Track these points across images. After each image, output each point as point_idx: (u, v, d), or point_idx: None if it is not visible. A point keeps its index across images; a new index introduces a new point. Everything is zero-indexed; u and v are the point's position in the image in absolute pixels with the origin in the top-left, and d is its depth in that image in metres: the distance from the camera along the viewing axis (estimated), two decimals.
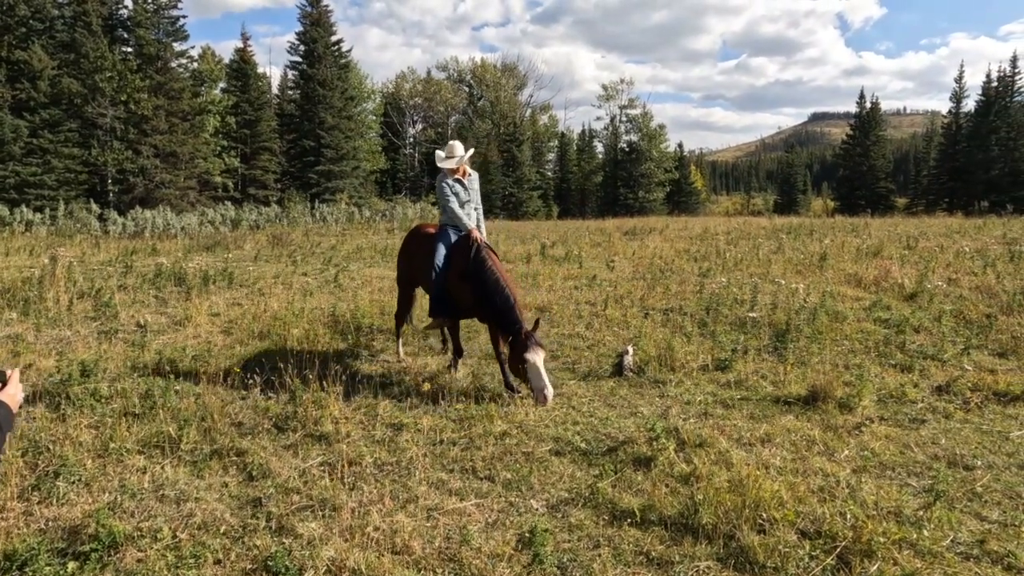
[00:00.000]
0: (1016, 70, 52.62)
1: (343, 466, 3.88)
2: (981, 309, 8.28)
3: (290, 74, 40.22)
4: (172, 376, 5.60)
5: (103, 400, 4.90)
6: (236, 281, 11.47)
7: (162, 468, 3.91)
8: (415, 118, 53.92)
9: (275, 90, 44.60)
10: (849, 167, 61.62)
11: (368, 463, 3.99)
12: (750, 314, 6.74)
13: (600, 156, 60.80)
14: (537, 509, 3.44)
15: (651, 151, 54.19)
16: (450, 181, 5.94)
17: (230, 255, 16.63)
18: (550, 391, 4.94)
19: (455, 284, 5.73)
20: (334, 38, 38.60)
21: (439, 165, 6.01)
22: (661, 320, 8.20)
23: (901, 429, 4.52)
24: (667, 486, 3.60)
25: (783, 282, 10.68)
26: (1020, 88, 53.10)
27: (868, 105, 60.45)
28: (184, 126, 30.89)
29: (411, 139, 53.75)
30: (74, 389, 4.92)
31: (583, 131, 62.45)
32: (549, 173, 56.75)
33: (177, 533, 3.13)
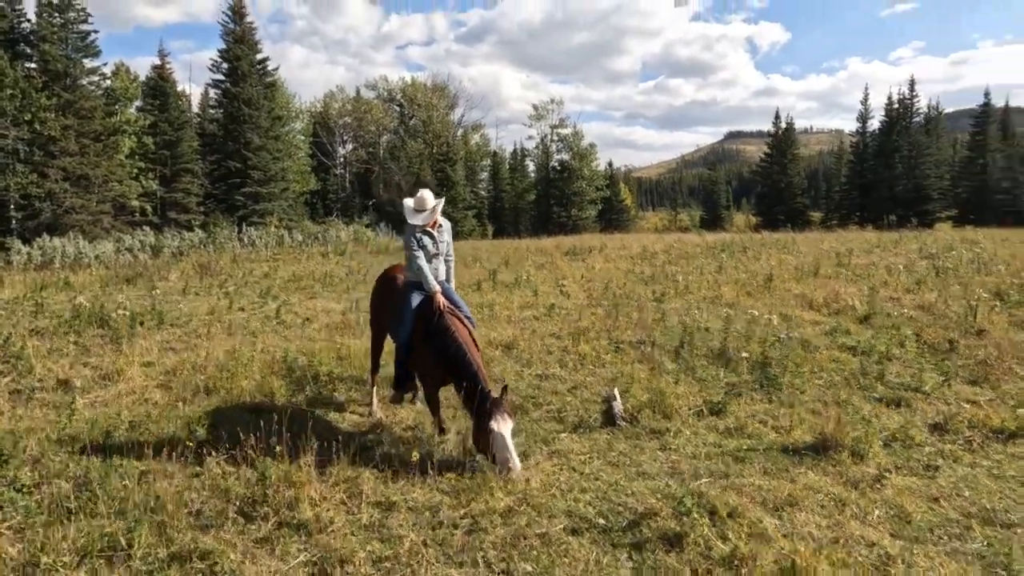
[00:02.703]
0: (914, 93, 56.55)
1: (332, 568, 3.32)
2: (940, 333, 8.41)
3: (212, 93, 38.45)
4: (109, 451, 4.83)
5: (26, 491, 4.12)
6: (167, 320, 10.49)
7: None
8: (345, 137, 52.65)
9: (195, 109, 42.57)
10: (767, 184, 64.38)
11: (361, 559, 3.44)
12: (743, 354, 6.50)
13: (532, 175, 61.15)
14: None
15: (583, 170, 54.89)
16: (419, 233, 5.48)
17: (156, 288, 15.40)
18: (516, 463, 4.47)
19: (418, 346, 5.29)
20: (259, 56, 37.18)
21: (410, 221, 5.50)
22: (634, 355, 7.93)
23: (918, 479, 4.34)
24: (709, 573, 3.23)
25: (750, 310, 10.67)
26: (918, 110, 57.04)
27: (783, 125, 63.45)
28: (96, 147, 28.88)
29: (341, 159, 52.41)
30: None
31: (515, 150, 62.71)
32: (483, 192, 56.52)
33: None
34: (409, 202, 5.58)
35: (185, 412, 5.91)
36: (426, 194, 5.56)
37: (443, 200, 5.74)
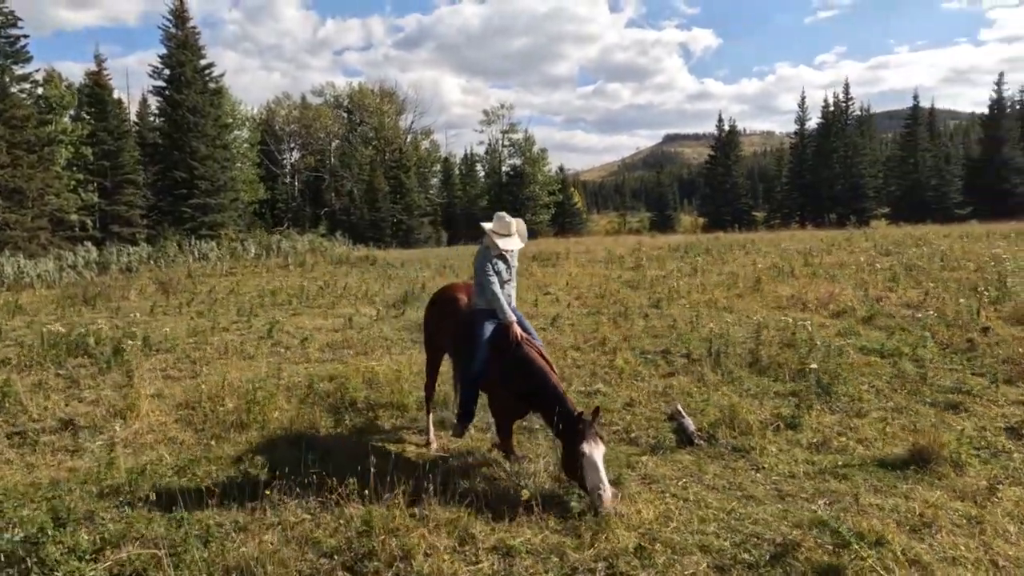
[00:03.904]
0: (849, 96, 59.11)
1: None
2: (955, 333, 8.57)
3: (153, 100, 36.70)
4: (162, 503, 4.33)
5: (89, 559, 3.61)
6: (151, 345, 9.76)
7: None
8: (292, 145, 51.18)
9: (133, 117, 40.54)
10: (712, 185, 66.08)
11: None
12: (812, 366, 6.38)
13: (483, 180, 60.93)
14: None
15: (536, 174, 55.05)
16: (494, 258, 5.17)
17: (122, 308, 14.42)
18: (608, 492, 4.19)
19: (494, 379, 5.02)
20: (204, 61, 35.70)
21: (503, 247, 5.17)
22: (664, 365, 7.79)
23: None
24: None
25: (753, 315, 10.71)
26: (853, 112, 59.63)
27: (726, 127, 65.24)
28: (31, 159, 27.09)
29: (289, 167, 50.90)
30: (48, 549, 3.57)
31: (466, 156, 62.41)
32: (437, 199, 55.94)
33: None
34: (489, 226, 5.26)
35: (226, 451, 5.41)
36: (506, 216, 5.26)
37: (521, 221, 5.44)
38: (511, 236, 5.20)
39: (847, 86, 59.17)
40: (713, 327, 9.51)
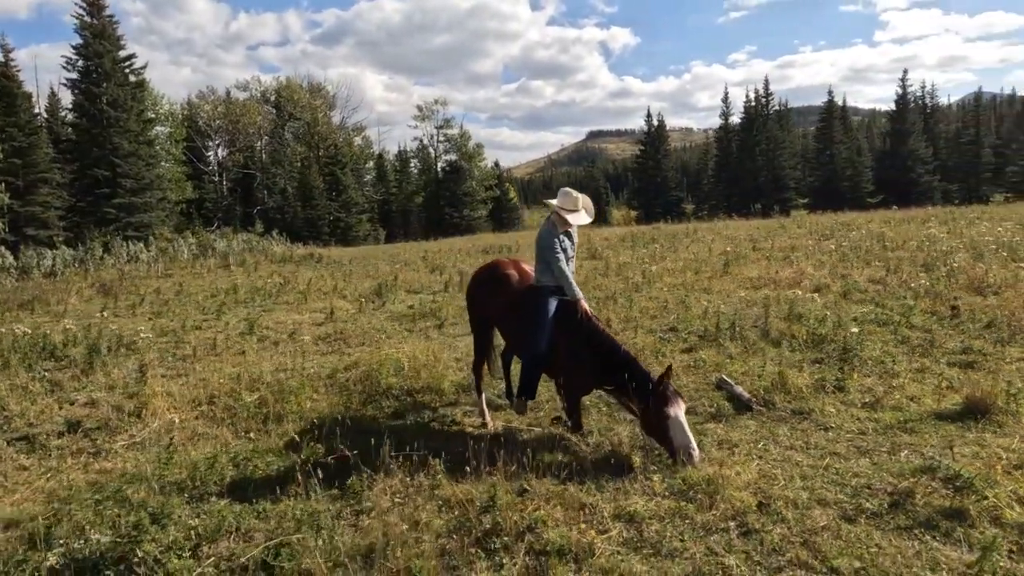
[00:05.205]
0: (769, 92, 61.82)
1: None
2: (937, 302, 9.07)
3: (67, 94, 34.18)
4: (237, 496, 4.02)
5: (187, 557, 3.29)
6: (124, 345, 9.11)
7: None
8: (218, 141, 48.87)
9: (42, 111, 37.65)
10: (643, 179, 67.74)
11: None
12: (841, 334, 6.52)
13: (416, 176, 60.19)
14: None
15: (472, 169, 54.84)
16: (560, 235, 5.08)
17: (67, 311, 13.35)
18: (696, 450, 4.32)
19: (565, 355, 4.97)
20: (123, 53, 33.54)
21: (574, 222, 5.09)
22: (679, 342, 7.90)
23: None
24: None
25: (735, 293, 11.01)
26: (773, 108, 62.41)
27: (655, 122, 66.98)
28: None
29: (217, 165, 48.59)
30: (146, 548, 3.23)
31: (399, 152, 61.47)
32: (375, 195, 54.78)
33: None
34: (555, 202, 5.15)
35: (274, 443, 5.08)
36: (572, 192, 5.16)
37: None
38: (579, 211, 5.12)
39: (767, 82, 61.91)
40: (707, 305, 9.73)
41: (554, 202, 5.18)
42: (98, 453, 5.13)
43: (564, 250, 5.09)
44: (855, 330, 6.92)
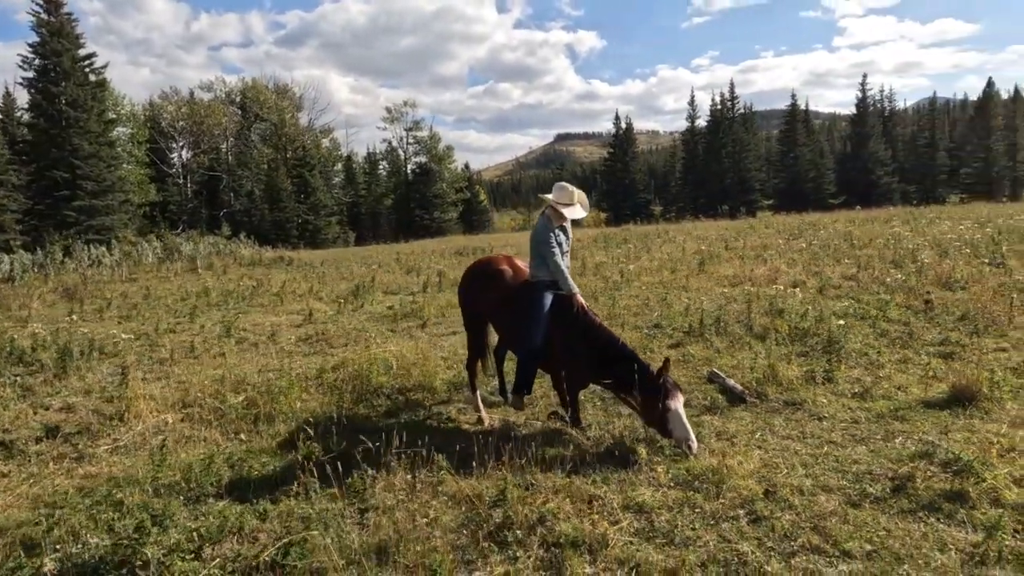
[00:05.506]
0: (735, 96, 62.87)
1: None
2: (910, 296, 9.32)
3: (24, 93, 33.04)
4: (236, 497, 3.91)
5: (191, 559, 3.18)
6: (96, 349, 8.83)
7: None
8: (182, 143, 47.78)
9: None
10: (612, 181, 68.29)
11: (680, 567, 3.07)
12: (827, 328, 6.61)
13: (385, 178, 59.72)
14: None
15: (442, 171, 54.64)
16: (556, 230, 5.07)
17: (32, 316, 12.89)
18: (695, 442, 4.40)
19: (560, 350, 4.95)
20: (83, 51, 32.59)
21: (571, 216, 5.10)
22: (665, 337, 7.97)
23: None
24: None
25: (717, 290, 11.15)
26: (739, 111, 63.49)
27: (623, 125, 67.59)
28: None
29: (181, 167, 47.50)
30: (149, 551, 3.11)
31: (368, 154, 60.92)
32: (344, 198, 54.17)
33: None
34: (550, 197, 5.13)
35: (266, 443, 4.97)
36: (568, 186, 5.15)
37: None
38: (574, 205, 5.12)
39: (732, 86, 62.94)
40: (688, 303, 9.83)
41: (549, 196, 5.18)
42: (81, 458, 4.95)
43: (559, 244, 5.09)
44: (841, 323, 7.05)
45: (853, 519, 3.44)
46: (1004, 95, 66.10)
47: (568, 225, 5.32)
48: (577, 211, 5.16)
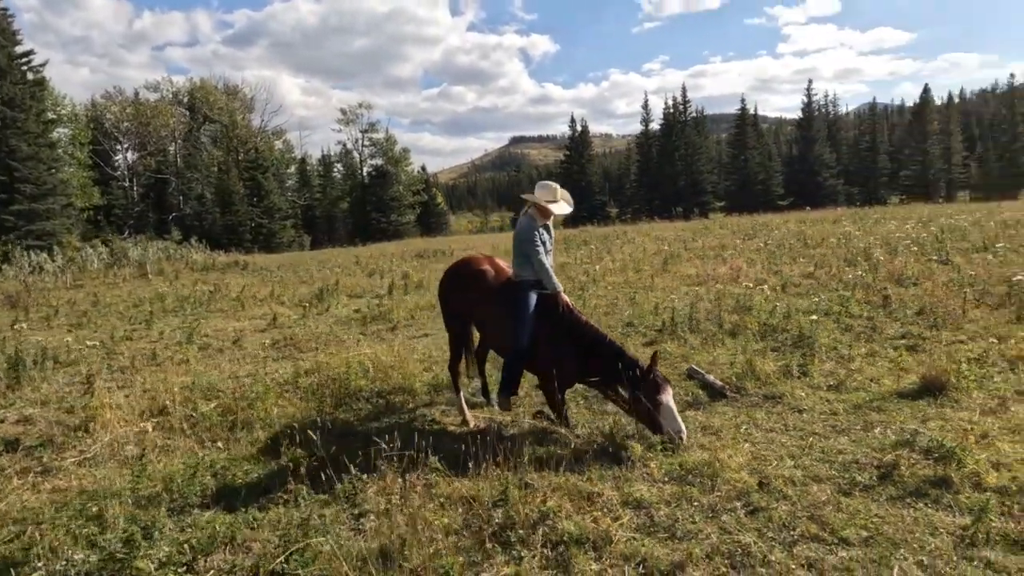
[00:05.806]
0: (687, 100, 64.17)
1: None
2: (867, 293, 9.64)
3: None
4: (223, 507, 3.77)
5: (181, 572, 3.05)
6: (52, 359, 8.43)
7: None
8: (127, 145, 46.09)
9: None
10: (568, 184, 68.79)
11: (685, 561, 3.10)
12: (798, 325, 6.74)
13: (341, 181, 58.88)
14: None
15: (399, 174, 54.17)
16: (540, 229, 5.07)
17: None
18: (685, 433, 4.48)
19: (546, 349, 4.94)
20: (21, 48, 31.18)
21: (557, 212, 5.10)
22: (638, 336, 8.05)
23: None
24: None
25: (685, 288, 11.33)
26: (691, 114, 64.81)
27: (579, 128, 68.26)
28: None
29: (127, 170, 45.81)
30: (139, 564, 2.95)
31: (323, 157, 59.96)
32: (299, 201, 53.14)
33: None
34: (534, 196, 5.11)
35: (247, 450, 4.81)
36: (551, 183, 5.14)
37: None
38: (559, 201, 5.13)
39: (684, 90, 64.21)
40: (656, 302, 9.96)
41: (532, 196, 5.17)
42: (47, 471, 4.70)
43: (544, 243, 5.09)
44: (814, 318, 7.24)
45: (847, 507, 3.53)
46: (938, 101, 69.42)
47: (550, 224, 5.32)
48: (563, 207, 5.17)
